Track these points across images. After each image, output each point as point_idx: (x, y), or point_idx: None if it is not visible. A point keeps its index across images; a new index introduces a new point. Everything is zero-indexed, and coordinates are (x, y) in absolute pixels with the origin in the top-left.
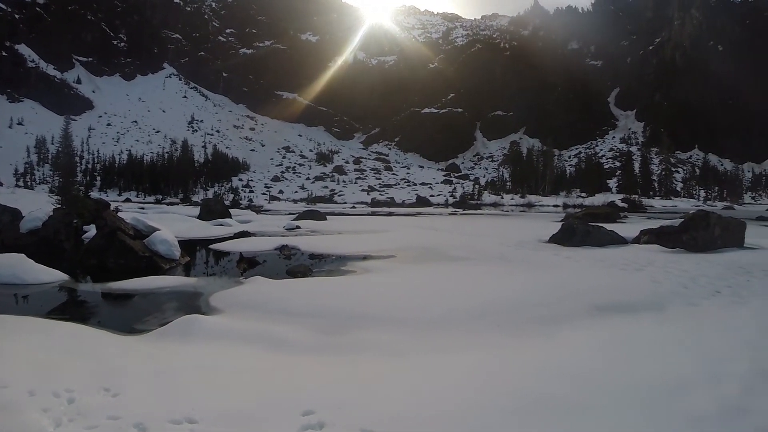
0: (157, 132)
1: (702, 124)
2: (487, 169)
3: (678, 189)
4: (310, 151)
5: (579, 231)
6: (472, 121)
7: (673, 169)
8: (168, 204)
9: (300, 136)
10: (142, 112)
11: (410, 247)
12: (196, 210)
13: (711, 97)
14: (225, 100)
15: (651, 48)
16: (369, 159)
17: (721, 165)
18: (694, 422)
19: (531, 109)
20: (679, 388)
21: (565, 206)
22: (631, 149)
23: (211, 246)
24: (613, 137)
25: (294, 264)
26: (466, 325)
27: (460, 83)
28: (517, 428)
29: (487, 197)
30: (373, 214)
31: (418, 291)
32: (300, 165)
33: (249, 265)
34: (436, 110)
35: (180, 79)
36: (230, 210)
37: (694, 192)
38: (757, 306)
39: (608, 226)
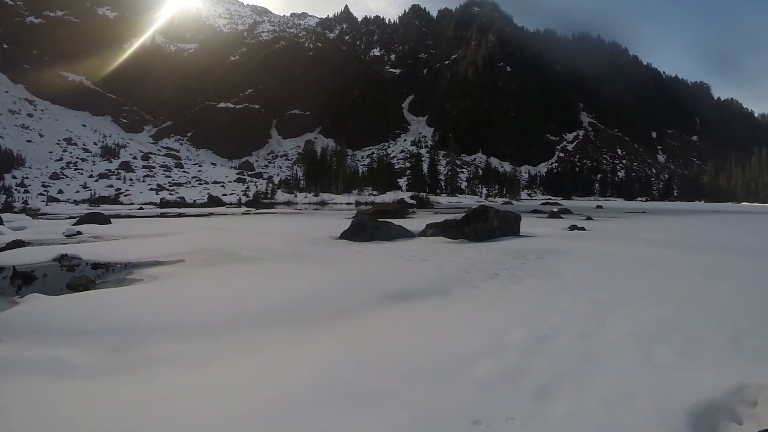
0: None
1: (486, 131)
2: (281, 168)
3: (463, 187)
4: (95, 144)
5: (368, 226)
6: (268, 118)
7: (458, 169)
8: None
9: (84, 126)
10: None
11: (201, 250)
12: None
13: (496, 109)
14: (2, 78)
15: (447, 62)
16: (159, 155)
17: (502, 167)
18: (480, 387)
19: (328, 109)
20: (465, 360)
21: (358, 204)
22: (420, 151)
23: None
24: (405, 140)
25: (76, 276)
26: (260, 326)
27: (259, 79)
28: (317, 417)
29: (281, 196)
30: (163, 215)
31: (210, 295)
32: (83, 160)
33: (25, 280)
34: (232, 105)
35: None
36: (1, 215)
37: (478, 190)
38: (531, 284)
39: (397, 222)
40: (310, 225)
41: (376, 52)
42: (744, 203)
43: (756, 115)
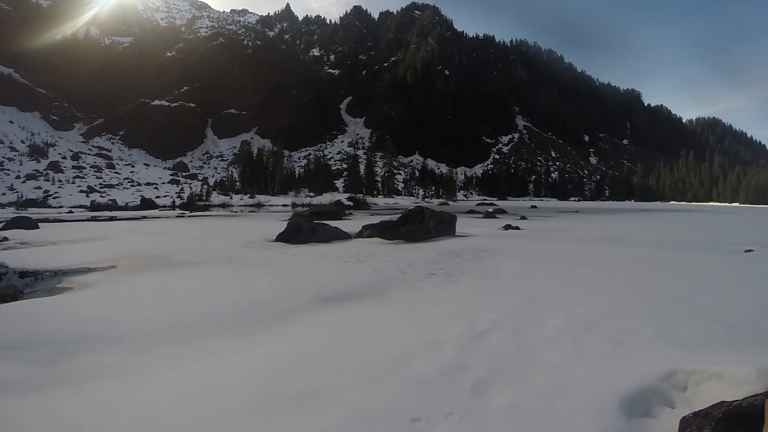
0: None
1: (423, 133)
2: (216, 169)
3: (400, 188)
4: (22, 142)
5: (305, 229)
6: (204, 117)
7: (395, 171)
8: None
9: (11, 122)
10: None
11: (134, 255)
12: None
13: (433, 111)
14: None
15: (386, 65)
16: (90, 155)
17: (438, 169)
18: (418, 385)
19: (265, 109)
20: (403, 359)
21: (294, 205)
22: (358, 153)
23: None
24: (342, 141)
25: (2, 285)
26: (196, 332)
27: (196, 77)
28: (257, 422)
29: (216, 198)
30: (94, 219)
31: (144, 303)
32: (9, 160)
33: None
34: (167, 103)
35: None
36: None
37: (414, 191)
38: (467, 282)
39: (334, 223)
40: (245, 227)
41: (315, 52)
42: (672, 202)
43: (684, 120)
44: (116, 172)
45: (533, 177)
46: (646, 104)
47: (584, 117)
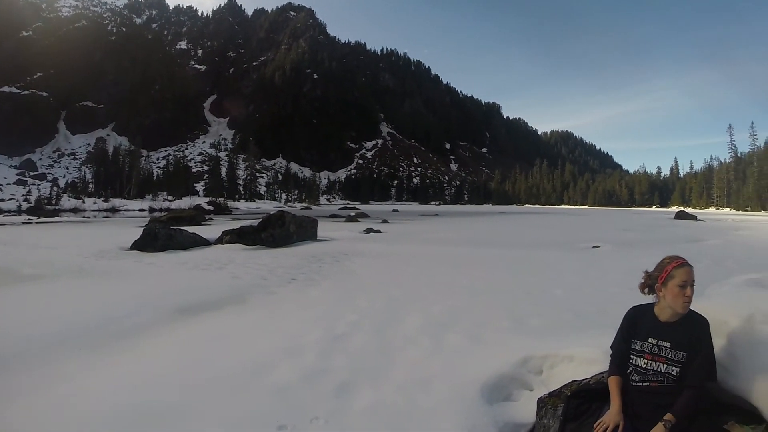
0: None
1: (288, 136)
2: (68, 169)
3: (262, 192)
4: None
5: (161, 235)
6: (57, 109)
7: (258, 174)
8: None
9: None
10: None
11: None
12: None
13: (299, 114)
14: None
15: (255, 64)
16: None
17: (302, 172)
18: (282, 392)
19: (123, 103)
20: (265, 367)
21: (152, 210)
22: (220, 155)
23: None
24: (204, 142)
25: None
26: (46, 356)
27: (52, 62)
28: None
29: (67, 202)
30: None
31: None
32: None
33: None
34: (17, 90)
35: None
36: None
37: (277, 195)
38: (328, 286)
39: (193, 229)
40: (98, 235)
41: (183, 45)
42: (527, 205)
43: (539, 132)
44: None
45: (395, 182)
46: (505, 116)
47: (446, 126)
